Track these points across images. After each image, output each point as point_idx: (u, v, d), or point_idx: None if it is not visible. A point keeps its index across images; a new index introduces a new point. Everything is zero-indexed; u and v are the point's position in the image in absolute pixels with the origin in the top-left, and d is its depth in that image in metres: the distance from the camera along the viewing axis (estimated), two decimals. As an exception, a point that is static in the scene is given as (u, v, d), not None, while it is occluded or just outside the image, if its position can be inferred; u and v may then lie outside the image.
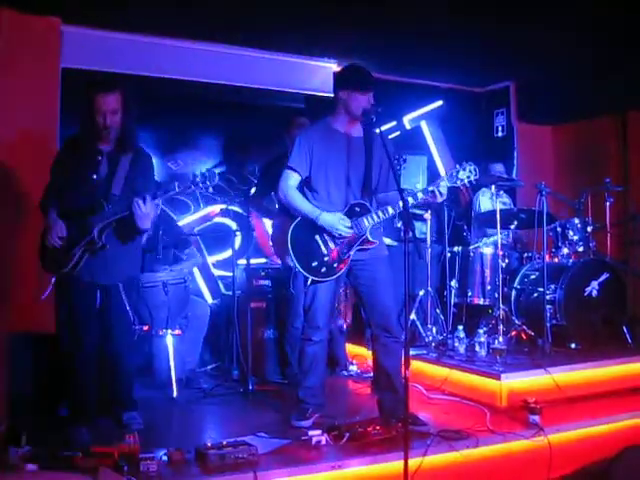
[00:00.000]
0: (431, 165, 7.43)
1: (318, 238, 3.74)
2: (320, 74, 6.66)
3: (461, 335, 5.19)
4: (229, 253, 5.74)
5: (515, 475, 3.74)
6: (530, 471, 3.77)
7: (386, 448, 3.39)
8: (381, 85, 3.97)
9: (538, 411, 3.87)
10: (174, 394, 4.55)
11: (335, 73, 4.10)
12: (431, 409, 4.31)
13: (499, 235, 5.36)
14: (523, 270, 5.70)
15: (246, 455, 3.12)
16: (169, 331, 4.71)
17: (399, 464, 3.07)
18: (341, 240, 3.73)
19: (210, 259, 6.30)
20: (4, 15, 4.97)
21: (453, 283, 5.77)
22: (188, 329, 5.04)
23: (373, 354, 3.93)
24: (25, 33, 5.08)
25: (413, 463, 3.18)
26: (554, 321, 5.24)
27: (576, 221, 5.58)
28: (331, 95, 4.07)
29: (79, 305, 3.73)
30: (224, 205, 6.18)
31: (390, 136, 7.08)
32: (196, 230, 6.20)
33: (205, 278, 6.18)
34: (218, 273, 6.28)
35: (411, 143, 7.25)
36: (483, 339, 4.99)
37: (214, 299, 6.06)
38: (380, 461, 3.32)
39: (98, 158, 3.71)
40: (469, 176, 3.62)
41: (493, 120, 7.90)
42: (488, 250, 5.75)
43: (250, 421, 3.90)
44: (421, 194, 3.65)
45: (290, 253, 3.73)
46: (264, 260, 6.19)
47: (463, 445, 3.55)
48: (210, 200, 6.37)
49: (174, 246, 5.25)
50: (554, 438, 3.80)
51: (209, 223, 6.32)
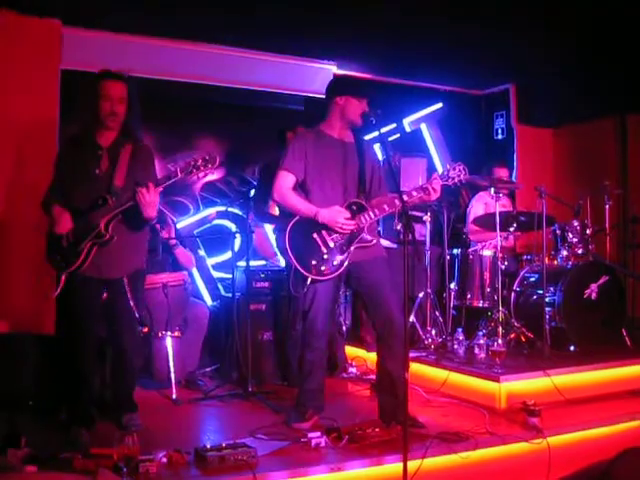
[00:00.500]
0: (431, 167, 7.42)
1: (316, 236, 3.74)
2: (320, 76, 6.65)
3: (460, 337, 5.20)
4: (229, 255, 5.74)
5: (514, 477, 3.74)
6: (529, 473, 3.77)
7: (385, 450, 3.40)
8: (381, 87, 4.01)
9: (537, 413, 3.87)
10: (174, 396, 4.55)
11: (330, 82, 4.11)
12: (430, 411, 4.31)
13: (499, 238, 5.36)
14: (522, 272, 5.71)
15: (245, 457, 3.12)
16: (169, 333, 4.72)
17: (398, 466, 3.08)
18: (340, 237, 3.74)
19: (210, 261, 6.30)
20: (4, 17, 4.98)
21: (452, 285, 5.78)
22: (188, 331, 5.04)
23: (377, 356, 3.90)
24: (25, 35, 5.08)
25: (412, 465, 3.18)
26: (553, 323, 5.24)
27: (575, 224, 5.57)
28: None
29: (84, 304, 3.74)
30: (223, 207, 6.17)
31: (390, 138, 7.10)
32: (195, 232, 6.20)
33: (205, 280, 6.18)
34: (218, 275, 6.28)
35: (411, 145, 7.25)
36: (482, 341, 4.98)
37: (214, 301, 6.06)
38: (379, 463, 3.32)
39: (99, 153, 3.75)
40: (459, 175, 3.74)
41: (493, 122, 7.92)
42: (487, 252, 5.76)
43: (249, 423, 3.88)
44: (415, 192, 3.73)
45: (289, 253, 3.73)
46: (264, 262, 6.20)
47: (462, 447, 3.54)
48: (209, 202, 6.37)
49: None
50: (553, 440, 3.80)
51: (208, 225, 6.32)
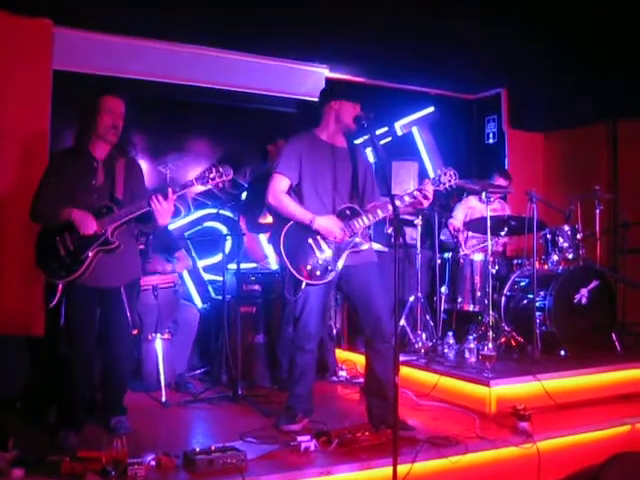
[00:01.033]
0: (422, 171, 7.43)
1: (311, 241, 3.73)
2: (312, 79, 6.66)
3: (451, 341, 5.19)
4: (219, 257, 5.73)
5: (504, 482, 3.74)
6: (519, 478, 3.77)
7: (375, 454, 3.39)
8: (373, 91, 4.02)
9: (527, 418, 3.86)
10: (163, 398, 4.53)
11: (323, 87, 4.13)
12: (420, 415, 4.30)
13: (489, 242, 5.37)
14: (513, 277, 5.72)
15: (235, 460, 3.10)
16: (158, 335, 4.71)
17: (388, 470, 3.07)
18: (334, 242, 3.74)
19: (200, 263, 6.28)
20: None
21: (443, 289, 5.78)
22: (177, 333, 5.02)
23: (366, 360, 3.91)
24: (16, 34, 5.05)
25: (402, 469, 3.17)
26: (544, 328, 5.26)
27: (566, 228, 5.59)
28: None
29: (80, 311, 3.73)
30: (214, 210, 6.15)
31: (381, 142, 7.10)
32: (186, 234, 6.18)
33: (195, 282, 6.16)
34: (208, 277, 6.26)
35: (402, 149, 7.26)
36: (473, 345, 4.99)
37: (204, 303, 6.05)
38: (369, 467, 3.31)
39: (94, 164, 3.78)
40: (450, 180, 3.77)
41: (484, 127, 7.94)
42: (478, 257, 5.77)
43: (239, 426, 3.87)
44: (408, 197, 3.74)
45: (283, 257, 3.72)
46: (254, 265, 6.19)
47: (452, 451, 3.54)
48: (200, 205, 6.35)
49: (165, 249, 5.24)
50: (543, 445, 3.80)
51: (199, 227, 6.30)
